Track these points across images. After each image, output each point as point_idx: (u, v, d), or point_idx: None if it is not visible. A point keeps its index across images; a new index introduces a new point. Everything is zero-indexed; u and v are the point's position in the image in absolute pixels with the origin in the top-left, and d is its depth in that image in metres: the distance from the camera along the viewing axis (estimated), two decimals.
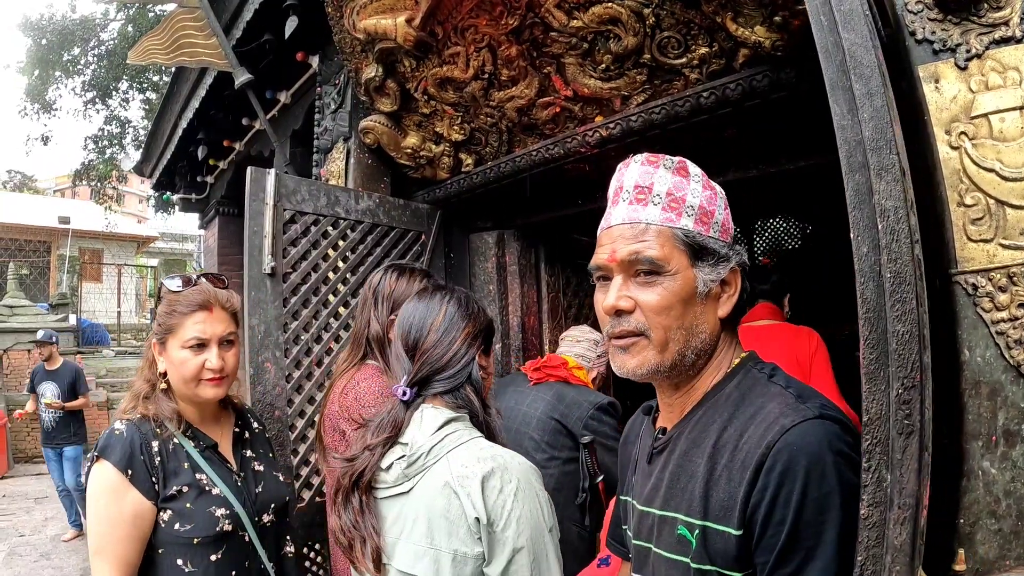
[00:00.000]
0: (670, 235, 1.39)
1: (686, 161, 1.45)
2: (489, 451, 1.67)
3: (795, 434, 1.19)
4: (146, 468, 2.04)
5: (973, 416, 1.22)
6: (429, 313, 1.84)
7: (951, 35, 1.36)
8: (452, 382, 1.77)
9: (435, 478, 1.63)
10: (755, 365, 1.45)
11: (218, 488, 2.14)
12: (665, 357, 1.39)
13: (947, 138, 1.34)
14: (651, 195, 1.41)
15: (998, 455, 1.20)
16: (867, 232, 1.22)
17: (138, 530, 2.01)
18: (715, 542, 1.26)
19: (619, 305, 1.40)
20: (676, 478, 1.40)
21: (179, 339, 2.17)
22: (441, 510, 1.59)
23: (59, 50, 19.36)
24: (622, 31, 2.61)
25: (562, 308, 4.60)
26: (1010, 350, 1.23)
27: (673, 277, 1.37)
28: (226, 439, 2.32)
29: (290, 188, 3.27)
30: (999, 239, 1.27)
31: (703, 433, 1.38)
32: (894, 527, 1.11)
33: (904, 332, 1.15)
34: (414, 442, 1.68)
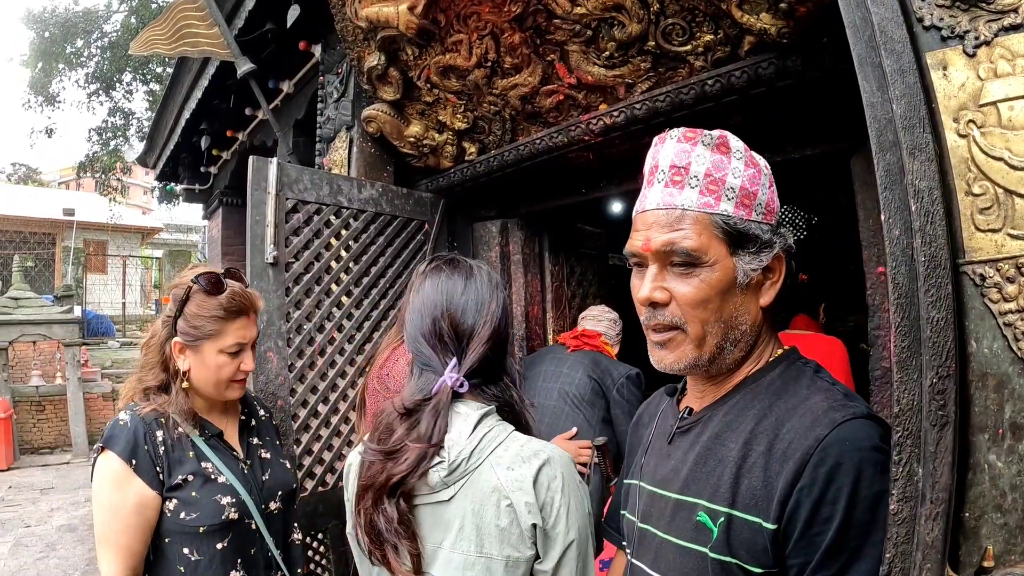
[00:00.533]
0: (708, 222, 1.31)
1: (727, 135, 1.37)
2: (530, 447, 1.57)
3: (847, 429, 1.16)
4: (150, 458, 2.05)
5: (980, 408, 1.21)
6: (482, 299, 1.68)
7: (959, 22, 1.34)
8: (493, 374, 1.67)
9: (481, 484, 1.51)
10: (799, 358, 1.41)
11: (224, 476, 2.14)
12: (703, 352, 1.35)
13: (955, 126, 1.32)
14: (688, 176, 1.33)
15: (1005, 448, 1.18)
16: (899, 214, 1.19)
17: (143, 519, 2.02)
18: (741, 532, 1.22)
19: (654, 297, 1.34)
20: (702, 461, 1.36)
21: (219, 344, 2.18)
22: (491, 518, 1.49)
23: (62, 42, 19.43)
24: (626, 18, 2.59)
25: (566, 297, 4.59)
26: (1018, 342, 1.21)
27: (711, 268, 1.31)
28: (232, 428, 2.33)
29: (292, 177, 3.26)
30: (1007, 229, 1.25)
31: (739, 417, 1.34)
32: (926, 523, 1.09)
33: (939, 319, 1.13)
34: (452, 446, 1.54)
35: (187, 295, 2.17)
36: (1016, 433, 1.18)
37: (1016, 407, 1.18)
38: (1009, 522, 1.16)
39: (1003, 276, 1.23)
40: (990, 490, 1.18)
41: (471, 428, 1.56)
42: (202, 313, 2.17)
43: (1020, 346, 1.20)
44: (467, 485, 1.52)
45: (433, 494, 1.55)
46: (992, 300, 1.24)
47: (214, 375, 2.18)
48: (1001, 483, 1.17)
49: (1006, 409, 1.19)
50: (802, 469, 1.16)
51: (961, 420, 1.20)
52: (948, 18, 1.34)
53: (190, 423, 2.17)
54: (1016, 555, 1.15)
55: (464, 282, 1.69)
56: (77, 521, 8.86)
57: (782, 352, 1.42)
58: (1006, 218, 1.25)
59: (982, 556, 1.14)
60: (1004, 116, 1.28)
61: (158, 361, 2.20)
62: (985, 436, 1.19)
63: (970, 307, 1.25)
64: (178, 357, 2.18)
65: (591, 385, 3.37)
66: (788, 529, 1.16)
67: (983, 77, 1.32)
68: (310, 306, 3.32)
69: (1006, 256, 1.24)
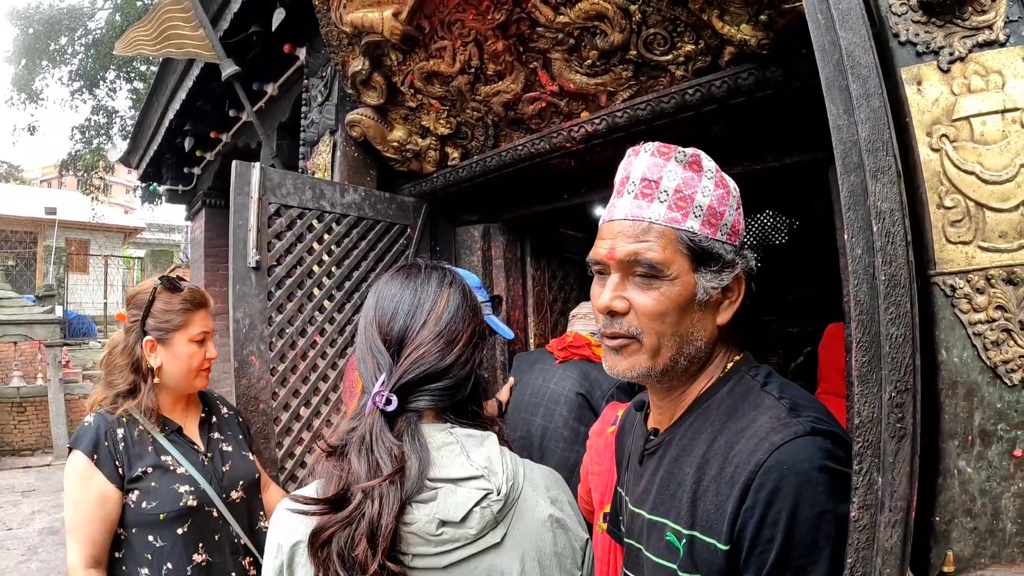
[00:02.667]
0: (674, 237, 1.32)
1: (700, 154, 1.38)
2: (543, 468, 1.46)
3: (784, 453, 1.16)
4: (110, 453, 2.21)
5: (950, 416, 1.23)
6: (425, 297, 1.40)
7: (935, 38, 1.37)
8: (454, 395, 1.37)
9: (533, 513, 1.32)
10: (748, 370, 1.40)
11: (183, 468, 2.30)
12: (657, 363, 1.35)
13: (928, 140, 1.34)
14: (658, 190, 1.34)
15: (974, 455, 1.21)
16: (862, 234, 1.21)
17: (104, 511, 2.17)
18: (702, 552, 1.24)
19: (613, 306, 1.34)
20: (666, 484, 1.37)
21: (187, 333, 2.39)
22: (550, 547, 1.32)
23: (46, 39, 19.29)
24: (608, 27, 2.61)
25: (547, 302, 4.60)
26: (987, 351, 1.23)
27: (672, 282, 1.31)
28: (192, 423, 2.49)
29: (275, 181, 3.26)
30: (978, 241, 1.27)
31: (692, 441, 1.35)
32: (885, 529, 1.11)
33: (898, 335, 1.15)
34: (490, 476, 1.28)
35: (153, 296, 2.35)
36: (985, 440, 1.20)
37: (985, 414, 1.21)
38: (979, 526, 1.18)
39: (973, 287, 1.26)
40: (960, 495, 1.20)
41: (498, 452, 1.35)
42: (169, 308, 2.38)
43: (989, 355, 1.23)
44: (516, 517, 1.31)
45: (479, 539, 1.25)
46: (962, 311, 1.26)
47: (186, 364, 2.38)
48: (971, 488, 1.20)
49: (975, 416, 1.22)
50: (746, 493, 1.17)
51: (931, 427, 1.23)
52: (924, 34, 1.37)
53: (152, 420, 2.32)
54: (986, 558, 1.17)
55: (402, 283, 1.44)
56: (59, 524, 8.76)
57: (733, 364, 1.42)
58: (977, 230, 1.28)
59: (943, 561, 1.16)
60: (977, 131, 1.30)
61: (127, 364, 2.35)
62: (955, 443, 1.22)
63: (940, 317, 1.27)
64: (150, 355, 2.34)
65: (578, 401, 3.33)
66: (738, 548, 1.18)
67: (957, 92, 1.34)
68: (292, 310, 3.31)
69: (976, 268, 1.26)
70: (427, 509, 1.23)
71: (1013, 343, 1.22)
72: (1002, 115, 1.30)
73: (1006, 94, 1.29)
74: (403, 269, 1.48)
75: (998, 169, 1.28)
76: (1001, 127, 1.29)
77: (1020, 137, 1.27)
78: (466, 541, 1.23)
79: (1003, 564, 1.17)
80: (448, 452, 1.31)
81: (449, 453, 1.30)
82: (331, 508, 1.22)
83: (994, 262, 1.26)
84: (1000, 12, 1.32)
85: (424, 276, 1.44)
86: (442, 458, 1.29)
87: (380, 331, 1.38)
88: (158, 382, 2.36)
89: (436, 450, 1.30)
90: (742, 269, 1.38)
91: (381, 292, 1.44)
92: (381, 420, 1.28)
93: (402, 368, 1.32)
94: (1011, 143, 1.27)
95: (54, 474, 11.94)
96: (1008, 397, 1.21)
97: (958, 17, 1.36)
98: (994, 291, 1.25)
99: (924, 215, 1.31)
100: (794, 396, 1.30)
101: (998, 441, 1.20)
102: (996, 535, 1.18)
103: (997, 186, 1.28)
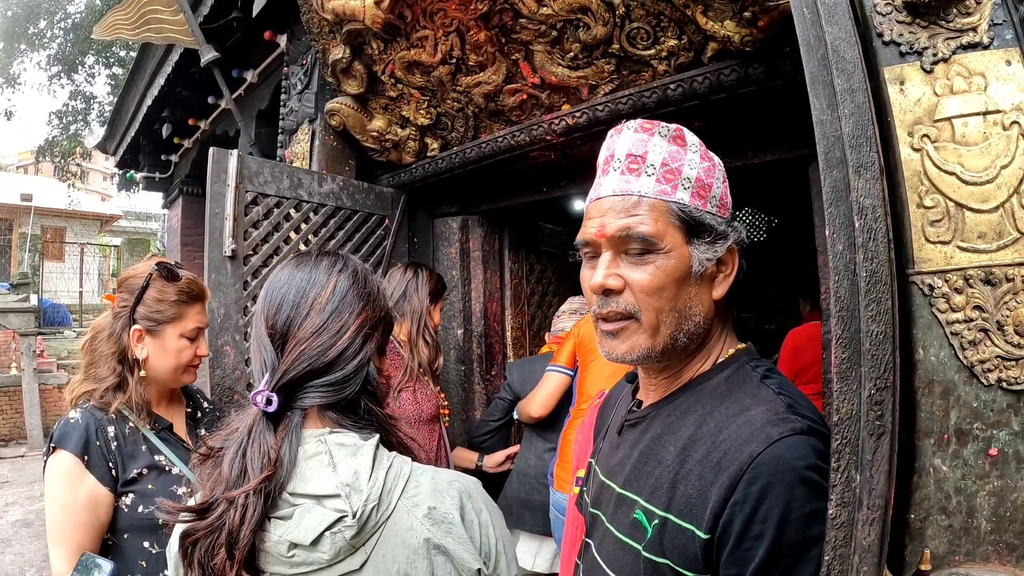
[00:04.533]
0: (664, 209, 1.30)
1: (683, 129, 1.36)
2: (442, 478, 1.29)
3: (782, 447, 1.14)
4: (102, 454, 2.04)
5: (926, 414, 1.23)
6: (312, 284, 1.30)
7: (919, 38, 1.36)
8: (341, 390, 1.26)
9: (402, 536, 1.18)
10: (749, 360, 1.38)
11: (177, 467, 2.14)
12: (656, 341, 1.31)
13: (909, 140, 1.34)
14: (644, 165, 1.32)
15: (950, 453, 1.21)
16: (843, 230, 1.21)
17: (94, 516, 2.01)
18: (674, 537, 1.21)
19: (608, 284, 1.31)
20: (644, 460, 1.35)
21: (180, 328, 2.21)
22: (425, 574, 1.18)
23: (25, 23, 19.01)
24: (592, 20, 2.60)
25: (525, 295, 4.61)
26: (964, 351, 1.23)
27: (667, 255, 1.29)
28: (179, 420, 2.34)
29: (253, 170, 3.23)
30: (957, 241, 1.27)
31: (680, 420, 1.32)
32: (863, 527, 1.11)
33: (878, 332, 1.15)
34: (350, 495, 1.16)
35: (147, 283, 2.17)
36: (961, 438, 1.21)
37: (961, 413, 1.21)
38: (954, 524, 1.19)
39: (951, 287, 1.26)
40: (935, 493, 1.20)
41: (369, 464, 1.21)
42: (163, 298, 2.19)
43: (966, 354, 1.23)
44: (382, 542, 1.18)
45: (334, 565, 1.16)
46: (940, 310, 1.26)
47: (174, 359, 2.20)
48: (946, 486, 1.20)
49: (951, 415, 1.22)
50: (735, 484, 1.14)
51: (907, 425, 1.23)
52: (908, 34, 1.37)
53: (143, 417, 2.16)
54: (961, 555, 1.18)
55: (291, 272, 1.34)
56: (33, 516, 8.69)
57: (734, 352, 1.40)
58: (956, 231, 1.28)
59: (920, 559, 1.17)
60: (958, 132, 1.30)
61: (112, 353, 2.17)
62: (931, 441, 1.22)
63: (918, 316, 1.27)
64: (136, 346, 2.16)
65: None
66: (721, 540, 1.15)
67: (939, 93, 1.34)
68: None
69: (954, 267, 1.26)
70: (281, 529, 1.16)
71: (990, 343, 1.22)
72: (984, 117, 1.30)
73: (988, 96, 1.29)
74: (296, 257, 1.38)
75: (978, 170, 1.28)
76: (982, 129, 1.29)
77: (1001, 139, 1.27)
78: (319, 566, 1.15)
79: (977, 562, 1.17)
80: (316, 464, 1.21)
81: (316, 465, 1.20)
82: (197, 516, 1.18)
83: (972, 262, 1.26)
84: (985, 15, 1.32)
85: (313, 263, 1.34)
86: (309, 470, 1.20)
87: (266, 324, 1.29)
88: (143, 375, 2.18)
89: (305, 460, 1.21)
90: (734, 241, 1.36)
91: (270, 282, 1.34)
92: (263, 421, 1.21)
93: (285, 365, 1.24)
94: (992, 145, 1.27)
95: (27, 465, 11.82)
96: (984, 396, 1.21)
97: (943, 19, 1.36)
98: (972, 291, 1.25)
99: (904, 214, 1.31)
100: (793, 394, 1.28)
101: (974, 440, 1.20)
102: (971, 533, 1.18)
103: (977, 187, 1.28)
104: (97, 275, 26.96)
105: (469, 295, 4.22)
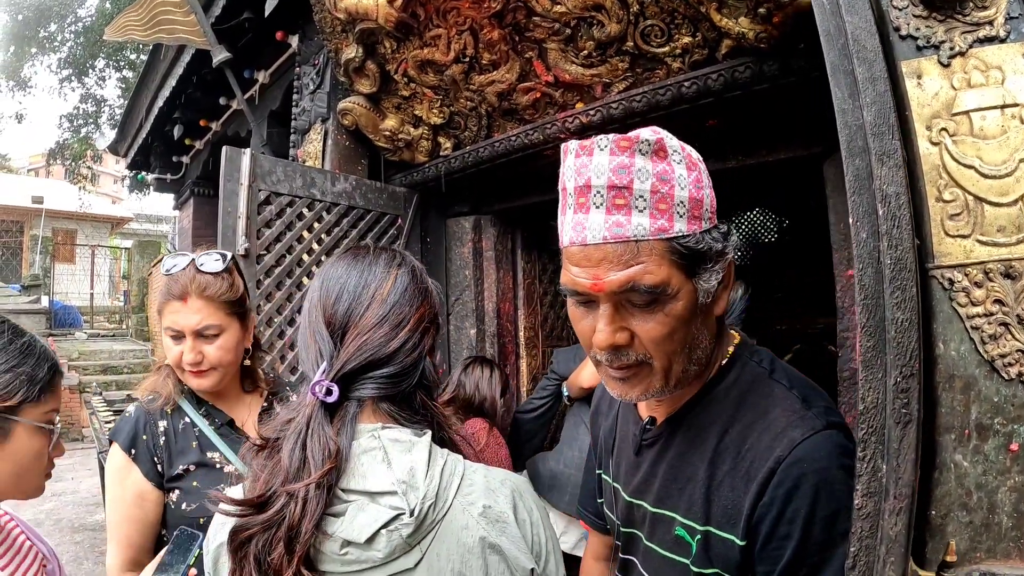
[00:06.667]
0: (665, 249, 1.17)
1: (661, 135, 1.21)
2: (494, 476, 1.27)
3: (805, 449, 1.14)
4: (149, 449, 2.03)
5: (947, 409, 1.23)
6: (371, 278, 1.29)
7: (935, 32, 1.36)
8: (399, 383, 1.25)
9: (457, 535, 1.16)
10: (751, 356, 1.36)
11: (234, 465, 2.05)
12: (670, 379, 1.26)
13: (928, 134, 1.33)
14: (633, 197, 1.15)
15: (970, 448, 1.20)
16: (867, 218, 1.21)
17: (141, 511, 2.00)
18: (718, 548, 1.23)
19: (616, 341, 1.21)
20: (672, 478, 1.34)
21: (163, 326, 2.09)
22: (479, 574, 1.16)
23: (35, 26, 19.10)
24: (605, 18, 2.60)
25: (538, 295, 4.60)
26: (984, 345, 1.23)
27: (675, 299, 1.19)
28: (252, 416, 2.21)
29: (265, 168, 3.23)
30: (976, 235, 1.27)
31: (701, 434, 1.31)
32: (889, 517, 1.11)
33: (903, 320, 1.15)
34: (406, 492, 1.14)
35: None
36: (982, 434, 1.20)
37: (982, 408, 1.21)
38: (974, 520, 1.18)
39: (971, 281, 1.25)
40: (956, 489, 1.20)
41: (425, 461, 1.19)
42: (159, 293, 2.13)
43: (987, 349, 1.23)
44: (437, 540, 1.16)
45: (389, 562, 1.13)
46: (960, 304, 1.26)
47: (168, 357, 2.08)
48: (967, 482, 1.20)
49: (972, 410, 1.21)
50: (764, 489, 1.16)
51: (928, 421, 1.22)
52: (924, 28, 1.36)
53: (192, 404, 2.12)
54: (981, 552, 1.17)
55: (348, 264, 1.34)
56: (43, 516, 8.71)
57: (733, 350, 1.38)
58: (975, 224, 1.27)
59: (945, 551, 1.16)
60: (976, 125, 1.30)
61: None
62: (951, 436, 1.21)
63: (938, 310, 1.26)
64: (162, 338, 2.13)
65: None
66: (752, 541, 1.18)
67: (957, 87, 1.33)
68: (281, 299, 3.30)
69: (974, 261, 1.26)
70: (334, 526, 1.13)
71: (1011, 337, 1.21)
72: (1001, 110, 1.29)
73: (1005, 90, 1.29)
74: (351, 251, 1.38)
75: (997, 164, 1.27)
76: (1000, 122, 1.29)
77: (1019, 132, 1.26)
78: (373, 564, 1.12)
79: (998, 558, 1.16)
80: (369, 459, 1.18)
81: (370, 460, 1.18)
82: (254, 510, 1.14)
83: (992, 256, 1.25)
84: (1001, 8, 1.32)
85: (372, 257, 1.34)
86: (362, 466, 1.17)
87: (324, 315, 1.28)
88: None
89: (359, 456, 1.18)
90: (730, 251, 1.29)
91: (326, 274, 1.33)
92: (321, 412, 1.19)
93: (345, 355, 1.22)
94: (1010, 138, 1.27)
95: None
96: (1005, 391, 1.20)
97: (959, 12, 1.35)
98: (992, 285, 1.24)
99: (923, 208, 1.30)
100: (802, 385, 1.29)
101: (995, 435, 1.20)
102: (992, 529, 1.18)
103: (996, 180, 1.27)
104: (108, 277, 27.06)
105: (482, 295, 4.21)
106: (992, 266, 1.25)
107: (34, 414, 1.47)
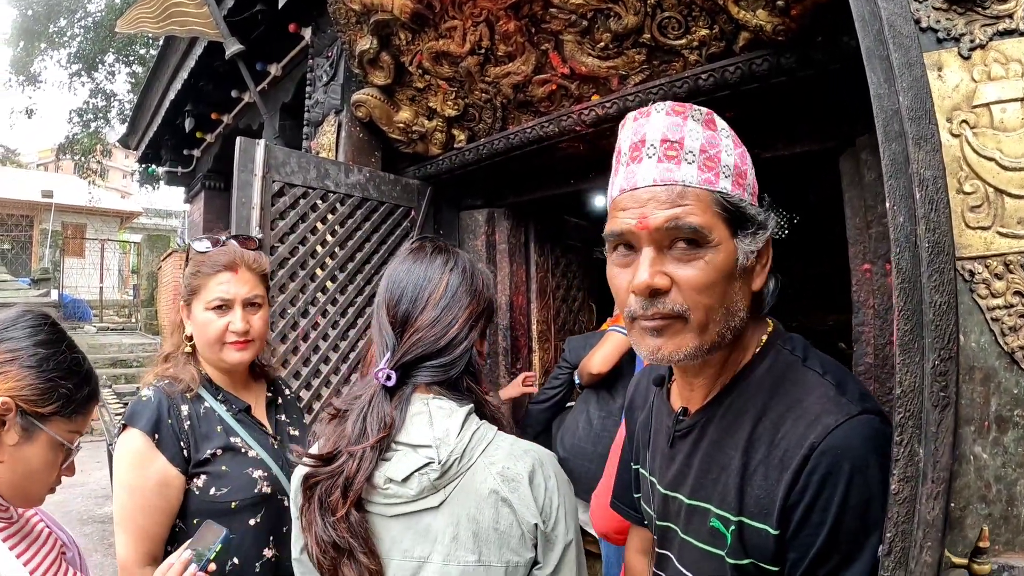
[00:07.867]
0: (710, 199, 1.21)
1: (712, 112, 1.29)
2: (520, 446, 1.45)
3: (839, 436, 1.13)
4: (174, 433, 1.98)
5: (967, 401, 1.22)
6: (428, 281, 1.50)
7: (955, 25, 1.36)
8: (448, 371, 1.47)
9: (476, 486, 1.38)
10: (785, 343, 1.35)
11: (255, 451, 2.08)
12: (704, 340, 1.24)
13: (948, 126, 1.33)
14: (683, 151, 1.21)
15: (990, 440, 1.20)
16: (903, 202, 1.21)
17: (163, 500, 1.94)
18: (752, 538, 1.21)
19: (655, 283, 1.20)
20: (706, 468, 1.33)
21: (203, 300, 2.10)
22: (490, 522, 1.36)
23: (45, 21, 19.14)
24: (623, 10, 2.60)
25: (551, 288, 4.61)
26: (1004, 337, 1.23)
27: (716, 249, 1.20)
28: (259, 403, 2.26)
29: (279, 159, 3.24)
30: (997, 227, 1.27)
31: (735, 423, 1.30)
32: (927, 502, 1.10)
33: (942, 303, 1.15)
34: (440, 445, 1.39)
35: (188, 255, 2.18)
36: (1001, 426, 1.20)
37: (1002, 400, 1.21)
38: (993, 512, 1.18)
39: (991, 272, 1.25)
40: (975, 481, 1.20)
41: (459, 425, 1.42)
42: (191, 270, 2.15)
43: (1007, 340, 1.23)
44: (459, 488, 1.38)
45: (418, 500, 1.38)
46: (980, 296, 1.25)
47: (203, 334, 2.10)
48: (986, 475, 1.19)
49: (992, 402, 1.21)
50: (798, 477, 1.15)
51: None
52: (944, 21, 1.36)
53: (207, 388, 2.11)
54: (1000, 545, 1.17)
55: (408, 267, 1.54)
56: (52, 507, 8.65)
57: (767, 337, 1.37)
58: (995, 216, 1.27)
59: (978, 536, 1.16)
60: (996, 118, 1.30)
61: (175, 329, 2.20)
62: (971, 428, 1.21)
63: (959, 302, 1.27)
64: (185, 321, 2.15)
65: None
66: (785, 529, 1.17)
67: (977, 79, 1.33)
68: (294, 290, 3.30)
69: (995, 253, 1.26)
70: (384, 467, 1.40)
71: None
72: (1021, 103, 1.29)
73: None
74: (413, 252, 1.59)
75: (1017, 156, 1.27)
76: (1020, 115, 1.29)
77: None
78: (406, 499, 1.39)
79: (1017, 551, 1.16)
80: (417, 421, 1.43)
81: (418, 422, 1.43)
82: (322, 463, 1.43)
83: (1012, 248, 1.25)
84: (1021, 2, 1.32)
85: (428, 260, 1.55)
86: (412, 425, 1.43)
87: (388, 313, 1.52)
88: (188, 351, 2.13)
89: (410, 417, 1.44)
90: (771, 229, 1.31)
91: (391, 275, 1.56)
92: (382, 392, 1.45)
93: (404, 348, 1.46)
94: None
95: None
96: None
97: (979, 5, 1.35)
98: (1012, 277, 1.24)
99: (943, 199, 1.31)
100: (836, 371, 1.28)
101: (1014, 427, 1.20)
102: (1011, 522, 1.17)
103: (1016, 172, 1.27)
104: (117, 271, 27.10)
105: (495, 288, 4.20)
106: (1012, 258, 1.25)
107: (60, 428, 1.51)
